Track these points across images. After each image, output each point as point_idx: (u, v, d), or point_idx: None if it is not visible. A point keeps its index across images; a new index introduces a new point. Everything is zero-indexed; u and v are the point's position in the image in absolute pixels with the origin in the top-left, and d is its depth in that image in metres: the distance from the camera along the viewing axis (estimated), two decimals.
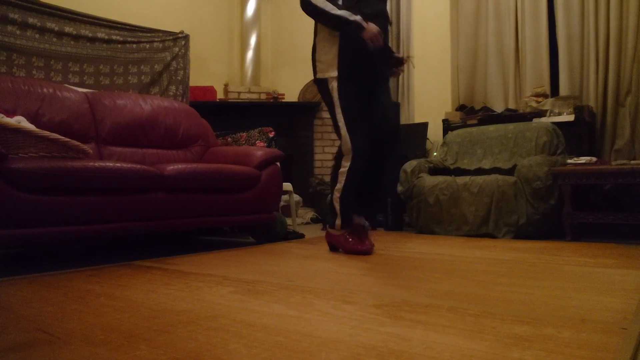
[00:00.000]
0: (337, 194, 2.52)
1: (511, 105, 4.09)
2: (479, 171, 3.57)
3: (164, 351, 1.00)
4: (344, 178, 2.49)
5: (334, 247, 2.60)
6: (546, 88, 3.90)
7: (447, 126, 4.10)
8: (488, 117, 3.94)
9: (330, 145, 5.10)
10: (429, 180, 3.49)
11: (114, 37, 3.87)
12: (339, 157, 2.56)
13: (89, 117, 2.95)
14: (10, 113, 2.45)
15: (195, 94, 4.53)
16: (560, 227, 3.01)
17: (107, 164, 2.31)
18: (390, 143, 2.64)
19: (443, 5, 4.45)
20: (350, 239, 2.49)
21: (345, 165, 2.49)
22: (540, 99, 3.79)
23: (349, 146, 2.47)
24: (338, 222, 2.54)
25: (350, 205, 2.54)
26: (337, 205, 2.53)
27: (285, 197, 3.76)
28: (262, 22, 5.28)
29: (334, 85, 2.50)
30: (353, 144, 2.46)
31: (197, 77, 4.66)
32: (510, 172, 3.32)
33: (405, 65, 2.74)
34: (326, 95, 2.58)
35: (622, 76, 3.60)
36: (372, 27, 2.38)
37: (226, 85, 5.07)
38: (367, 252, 2.43)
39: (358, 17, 2.38)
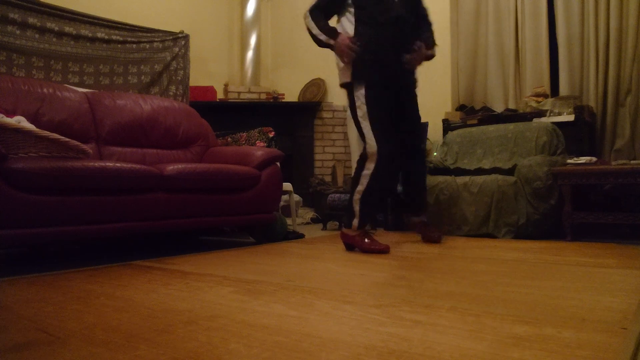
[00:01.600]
0: (357, 196, 2.56)
1: (511, 105, 4.09)
2: (479, 171, 3.57)
3: (164, 351, 1.00)
4: (367, 180, 2.54)
5: (350, 247, 2.61)
6: (546, 88, 3.90)
7: (447, 126, 4.09)
8: (488, 117, 3.94)
9: (330, 145, 5.10)
10: (429, 180, 3.49)
11: (114, 37, 3.87)
12: (362, 159, 2.60)
13: (89, 117, 2.95)
14: (10, 113, 2.45)
15: (195, 94, 4.53)
16: (560, 227, 3.01)
17: (107, 164, 2.31)
18: (414, 152, 2.79)
19: (443, 5, 4.45)
20: (366, 240, 2.53)
21: (370, 167, 2.54)
22: (540, 99, 3.79)
23: (373, 149, 2.52)
24: (355, 222, 2.56)
25: (372, 208, 2.60)
26: (356, 207, 2.56)
27: (285, 197, 3.76)
28: (262, 22, 5.28)
29: (360, 91, 2.56)
30: (378, 147, 2.51)
31: (197, 77, 4.66)
32: (510, 172, 3.32)
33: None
34: (350, 99, 2.64)
35: (622, 76, 3.60)
36: (339, 43, 2.51)
37: (226, 85, 5.07)
38: (385, 250, 2.47)
39: (323, 37, 2.54)
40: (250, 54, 5.14)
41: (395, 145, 2.61)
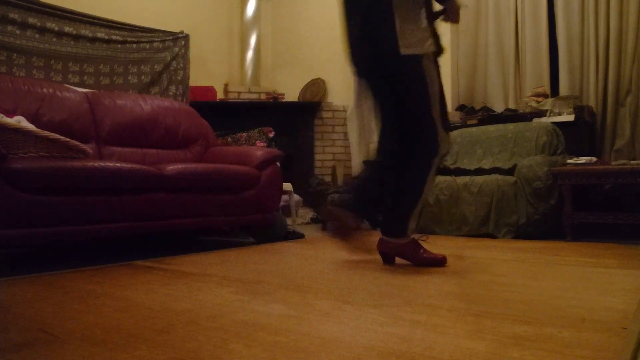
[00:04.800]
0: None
1: (511, 105, 4.09)
2: (479, 171, 3.57)
3: (164, 351, 1.00)
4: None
5: (390, 259, 2.14)
6: (546, 88, 3.90)
7: None
8: (488, 117, 3.94)
9: (330, 145, 5.09)
10: None
11: (114, 37, 3.87)
12: (429, 151, 2.09)
13: (89, 117, 2.95)
14: (10, 113, 2.45)
15: (195, 94, 4.53)
16: (560, 227, 3.01)
17: (107, 164, 2.31)
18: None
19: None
20: (421, 249, 2.12)
21: (435, 163, 2.10)
22: (540, 99, 3.79)
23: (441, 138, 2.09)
24: (412, 226, 2.11)
25: None
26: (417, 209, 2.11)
27: (285, 197, 3.76)
28: (262, 22, 5.28)
29: (427, 64, 2.10)
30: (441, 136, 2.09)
31: (197, 77, 4.66)
32: (510, 172, 3.32)
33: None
34: (416, 73, 2.07)
35: (622, 76, 3.60)
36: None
37: (226, 85, 5.07)
38: (442, 262, 2.08)
39: None
40: (250, 54, 5.14)
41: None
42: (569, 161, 3.12)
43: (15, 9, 3.28)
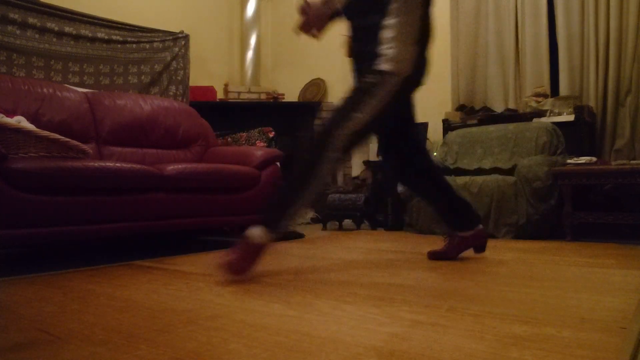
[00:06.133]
0: None
1: (511, 105, 4.08)
2: (479, 171, 3.57)
3: (164, 351, 1.01)
4: None
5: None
6: (546, 88, 3.90)
7: (447, 126, 4.09)
8: (488, 117, 3.94)
9: None
10: None
11: (114, 37, 3.87)
12: None
13: (89, 117, 2.95)
14: (10, 113, 2.45)
15: (195, 94, 4.53)
16: (560, 227, 3.01)
17: (107, 164, 2.31)
18: None
19: (443, 5, 4.44)
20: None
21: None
22: (540, 99, 3.78)
23: None
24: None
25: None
26: None
27: None
28: (262, 22, 5.28)
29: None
30: None
31: (197, 77, 4.66)
32: (510, 172, 3.32)
33: None
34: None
35: (622, 76, 3.59)
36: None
37: (226, 85, 5.07)
38: None
39: None
40: (250, 54, 5.14)
41: None
42: (569, 161, 3.12)
43: (15, 9, 3.28)
